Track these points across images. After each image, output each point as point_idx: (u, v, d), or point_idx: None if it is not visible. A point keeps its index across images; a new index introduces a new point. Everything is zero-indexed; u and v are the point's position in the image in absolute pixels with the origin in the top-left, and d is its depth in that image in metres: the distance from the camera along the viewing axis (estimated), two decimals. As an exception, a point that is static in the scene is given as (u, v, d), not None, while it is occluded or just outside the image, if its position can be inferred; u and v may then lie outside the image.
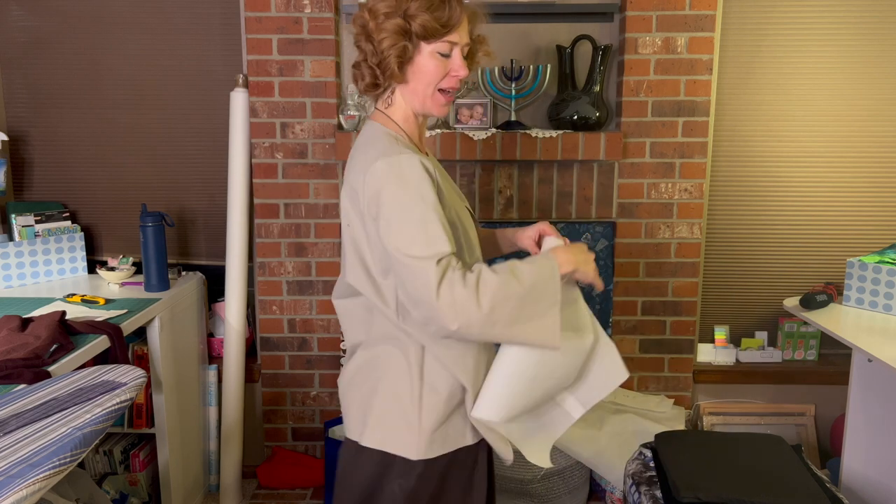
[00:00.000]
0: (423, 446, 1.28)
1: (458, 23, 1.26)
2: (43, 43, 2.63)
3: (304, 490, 2.66)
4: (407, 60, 1.27)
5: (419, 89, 1.30)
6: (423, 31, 1.24)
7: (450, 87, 1.30)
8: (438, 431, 1.29)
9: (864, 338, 1.86)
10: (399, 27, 1.24)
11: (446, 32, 1.25)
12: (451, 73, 1.29)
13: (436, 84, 1.29)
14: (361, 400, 1.33)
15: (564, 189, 2.52)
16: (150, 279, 2.32)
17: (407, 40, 1.25)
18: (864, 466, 2.13)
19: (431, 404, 1.28)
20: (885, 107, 2.59)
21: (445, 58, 1.28)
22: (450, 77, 1.29)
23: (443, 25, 1.24)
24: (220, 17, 2.59)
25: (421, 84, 1.29)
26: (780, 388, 2.70)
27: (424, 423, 1.28)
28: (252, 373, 2.69)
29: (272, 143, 2.51)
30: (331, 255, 2.58)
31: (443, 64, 1.28)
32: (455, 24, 1.26)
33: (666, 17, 2.40)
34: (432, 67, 1.27)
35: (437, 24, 1.24)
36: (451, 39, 1.27)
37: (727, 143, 2.63)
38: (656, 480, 1.90)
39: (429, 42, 1.26)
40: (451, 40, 1.27)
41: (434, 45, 1.26)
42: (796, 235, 2.69)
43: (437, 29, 1.24)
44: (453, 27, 1.26)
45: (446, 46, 1.27)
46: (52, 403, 1.26)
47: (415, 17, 1.23)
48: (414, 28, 1.24)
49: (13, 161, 2.70)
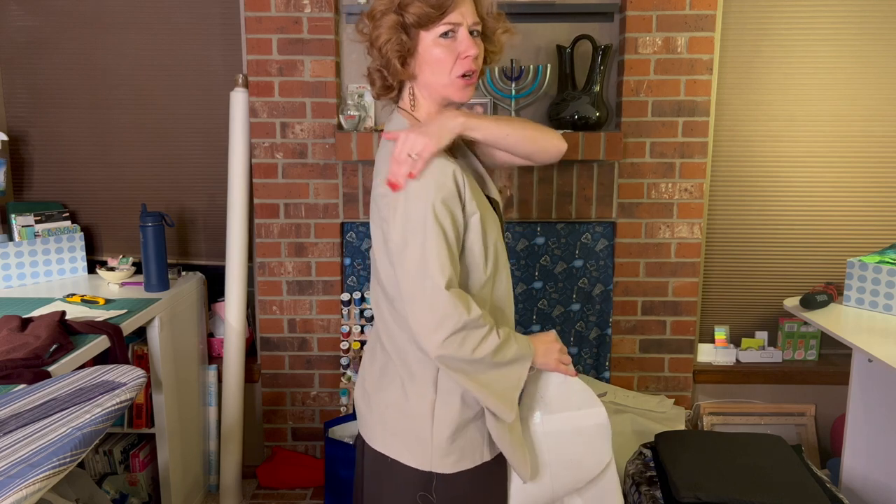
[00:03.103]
0: (437, 459, 1.26)
1: (452, 3, 1.19)
2: (43, 43, 2.63)
3: (304, 490, 2.66)
4: (409, 54, 1.23)
5: (432, 80, 1.24)
6: (418, 20, 1.19)
7: (464, 70, 1.22)
8: (454, 445, 1.26)
9: (864, 338, 1.86)
10: (394, 22, 1.21)
11: (441, 15, 1.19)
12: (461, 55, 1.21)
13: (448, 71, 1.22)
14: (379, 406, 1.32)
15: (564, 189, 2.52)
16: (149, 279, 2.32)
17: (403, 33, 1.21)
18: (864, 466, 2.13)
19: (443, 416, 1.26)
20: (885, 107, 2.59)
21: (450, 41, 1.21)
22: (461, 61, 1.22)
23: (436, 8, 1.18)
24: (220, 17, 2.59)
25: (432, 74, 1.23)
26: (780, 388, 2.70)
27: (435, 437, 1.26)
28: (252, 373, 2.69)
29: (272, 143, 2.51)
30: (330, 255, 2.58)
31: (450, 48, 1.21)
32: (449, 5, 1.18)
33: (666, 16, 2.40)
34: (438, 54, 1.21)
35: (428, 7, 1.18)
36: (451, 20, 1.19)
37: (727, 143, 2.63)
38: (656, 480, 1.90)
39: (427, 29, 1.20)
40: (450, 21, 1.19)
41: (433, 31, 1.20)
42: (796, 235, 2.69)
43: (430, 13, 1.19)
44: (448, 8, 1.18)
45: (447, 28, 1.20)
46: (52, 403, 1.26)
47: (407, 8, 1.20)
48: (408, 19, 1.20)
49: (13, 161, 2.70)
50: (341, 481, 2.40)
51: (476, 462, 1.28)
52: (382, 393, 1.31)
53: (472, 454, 1.28)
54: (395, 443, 1.29)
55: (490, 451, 1.30)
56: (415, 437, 1.27)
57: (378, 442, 1.31)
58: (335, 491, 2.42)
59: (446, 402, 1.26)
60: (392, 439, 1.29)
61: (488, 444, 1.29)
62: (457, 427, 1.26)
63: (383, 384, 1.32)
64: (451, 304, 1.15)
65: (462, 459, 1.27)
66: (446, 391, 1.26)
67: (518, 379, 1.26)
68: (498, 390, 1.23)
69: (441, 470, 1.26)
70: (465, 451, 1.27)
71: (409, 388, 1.28)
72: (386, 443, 1.30)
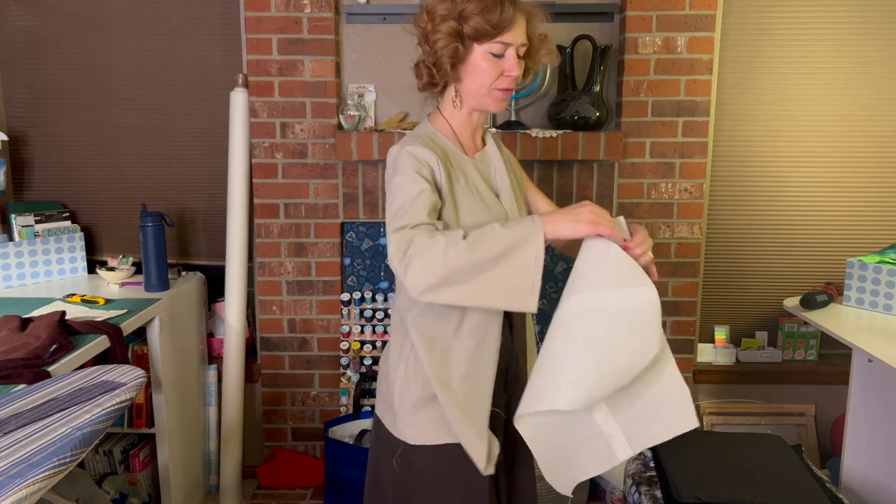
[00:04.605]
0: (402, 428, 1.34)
1: (509, 24, 1.27)
2: (43, 43, 2.63)
3: (304, 490, 2.66)
4: (460, 61, 1.31)
5: (473, 89, 1.33)
6: (475, 33, 1.27)
7: (505, 86, 1.32)
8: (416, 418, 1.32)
9: (864, 338, 1.86)
10: (453, 29, 1.28)
11: (497, 34, 1.27)
12: (505, 73, 1.30)
13: (490, 84, 1.31)
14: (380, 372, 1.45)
15: (564, 189, 2.52)
16: (149, 279, 2.32)
17: (459, 42, 1.29)
18: (864, 466, 2.13)
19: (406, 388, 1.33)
20: (885, 107, 2.59)
21: (499, 58, 1.30)
22: (503, 77, 1.31)
23: (494, 27, 1.26)
24: (220, 17, 2.59)
25: (475, 84, 1.32)
26: (780, 388, 2.70)
27: (398, 404, 1.34)
28: (252, 373, 2.69)
29: (272, 143, 2.51)
30: (331, 254, 2.58)
31: (496, 64, 1.30)
32: (506, 27, 1.27)
33: (666, 16, 2.40)
34: (485, 67, 1.30)
35: (488, 25, 1.26)
36: (504, 40, 1.28)
37: (727, 143, 2.63)
38: (656, 480, 1.90)
39: (481, 43, 1.29)
40: (503, 41, 1.28)
41: (486, 46, 1.29)
42: (796, 235, 2.69)
43: (488, 31, 1.27)
44: (504, 29, 1.27)
45: (499, 47, 1.29)
46: (52, 403, 1.26)
47: (468, 20, 1.27)
48: (466, 30, 1.28)
49: (13, 161, 2.70)
50: (341, 481, 2.40)
51: (441, 441, 1.33)
52: (384, 358, 1.44)
53: (436, 431, 1.32)
54: (381, 405, 1.42)
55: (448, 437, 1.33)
56: (389, 402, 1.37)
57: (377, 405, 1.45)
58: (335, 491, 2.42)
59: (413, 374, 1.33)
60: (380, 402, 1.42)
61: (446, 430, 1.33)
62: (417, 401, 1.32)
63: (386, 352, 1.44)
64: (396, 238, 1.18)
65: (425, 433, 1.33)
66: (414, 365, 1.33)
67: (525, 264, 1.15)
68: (511, 284, 1.15)
69: (405, 439, 1.35)
70: (428, 426, 1.33)
71: (391, 355, 1.39)
72: (378, 405, 1.44)
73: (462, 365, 1.30)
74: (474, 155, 1.40)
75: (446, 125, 1.39)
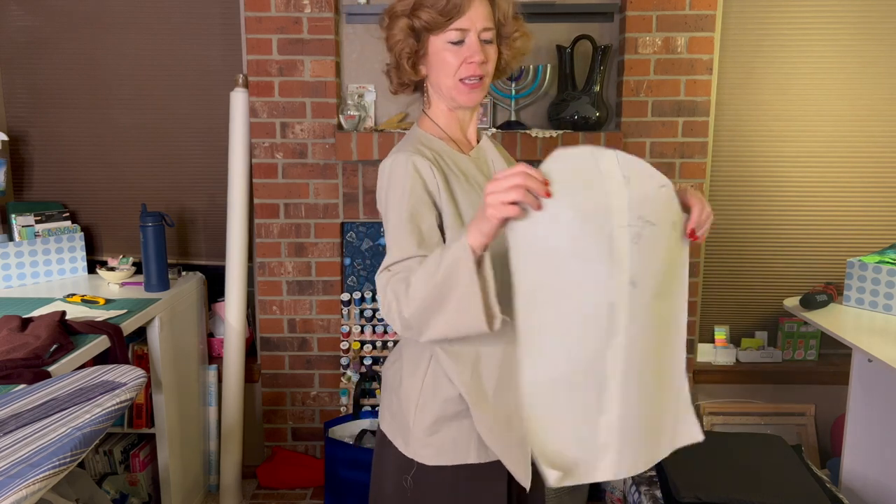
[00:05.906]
0: (417, 448, 1.27)
1: (459, 10, 1.22)
2: (43, 43, 2.63)
3: (304, 490, 2.66)
4: (419, 58, 1.28)
5: (440, 82, 1.28)
6: (427, 25, 1.24)
7: (469, 74, 1.25)
8: (432, 438, 1.26)
9: (864, 338, 1.86)
10: (406, 26, 1.25)
11: (448, 21, 1.22)
12: (467, 60, 1.24)
13: (453, 74, 1.26)
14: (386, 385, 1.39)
15: (564, 189, 2.52)
16: (150, 279, 2.32)
17: (413, 38, 1.26)
18: (864, 466, 2.13)
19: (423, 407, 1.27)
20: (885, 107, 2.59)
21: (459, 45, 1.24)
22: (466, 65, 1.25)
23: (443, 14, 1.22)
24: (220, 17, 2.59)
25: (440, 77, 1.28)
26: (780, 388, 2.70)
27: (414, 424, 1.27)
28: (252, 373, 2.69)
29: (272, 143, 2.51)
30: (330, 255, 2.58)
31: (457, 53, 1.25)
32: (456, 13, 1.22)
33: (666, 17, 2.40)
34: (447, 58, 1.25)
35: (437, 14, 1.22)
36: (459, 26, 1.23)
37: (727, 143, 2.63)
38: (656, 480, 1.90)
39: (437, 34, 1.25)
40: (458, 27, 1.23)
41: (442, 36, 1.24)
42: (796, 235, 2.69)
43: (437, 20, 1.23)
44: (455, 15, 1.22)
45: (456, 34, 1.23)
46: (52, 403, 1.26)
47: (417, 13, 1.24)
48: (418, 24, 1.24)
49: (13, 161, 2.70)
50: (341, 481, 2.40)
51: (459, 461, 1.27)
52: (389, 371, 1.38)
53: (454, 451, 1.26)
54: (391, 424, 1.34)
55: (480, 455, 1.27)
56: (402, 422, 1.30)
57: (383, 422, 1.37)
58: (335, 491, 2.42)
59: (431, 393, 1.27)
60: (390, 420, 1.34)
61: (478, 447, 1.26)
62: (435, 420, 1.26)
63: (392, 362, 1.38)
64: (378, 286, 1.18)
65: (442, 454, 1.27)
66: (432, 383, 1.27)
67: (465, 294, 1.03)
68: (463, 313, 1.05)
69: (420, 460, 1.28)
70: (446, 446, 1.26)
71: (404, 371, 1.32)
72: (385, 422, 1.36)
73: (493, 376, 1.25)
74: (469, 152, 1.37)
75: (434, 126, 1.35)
